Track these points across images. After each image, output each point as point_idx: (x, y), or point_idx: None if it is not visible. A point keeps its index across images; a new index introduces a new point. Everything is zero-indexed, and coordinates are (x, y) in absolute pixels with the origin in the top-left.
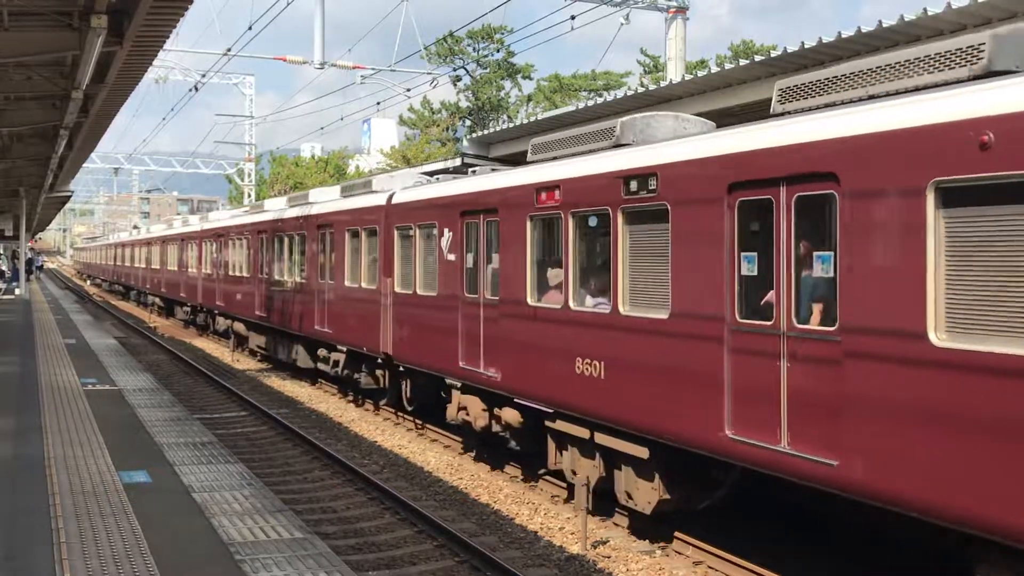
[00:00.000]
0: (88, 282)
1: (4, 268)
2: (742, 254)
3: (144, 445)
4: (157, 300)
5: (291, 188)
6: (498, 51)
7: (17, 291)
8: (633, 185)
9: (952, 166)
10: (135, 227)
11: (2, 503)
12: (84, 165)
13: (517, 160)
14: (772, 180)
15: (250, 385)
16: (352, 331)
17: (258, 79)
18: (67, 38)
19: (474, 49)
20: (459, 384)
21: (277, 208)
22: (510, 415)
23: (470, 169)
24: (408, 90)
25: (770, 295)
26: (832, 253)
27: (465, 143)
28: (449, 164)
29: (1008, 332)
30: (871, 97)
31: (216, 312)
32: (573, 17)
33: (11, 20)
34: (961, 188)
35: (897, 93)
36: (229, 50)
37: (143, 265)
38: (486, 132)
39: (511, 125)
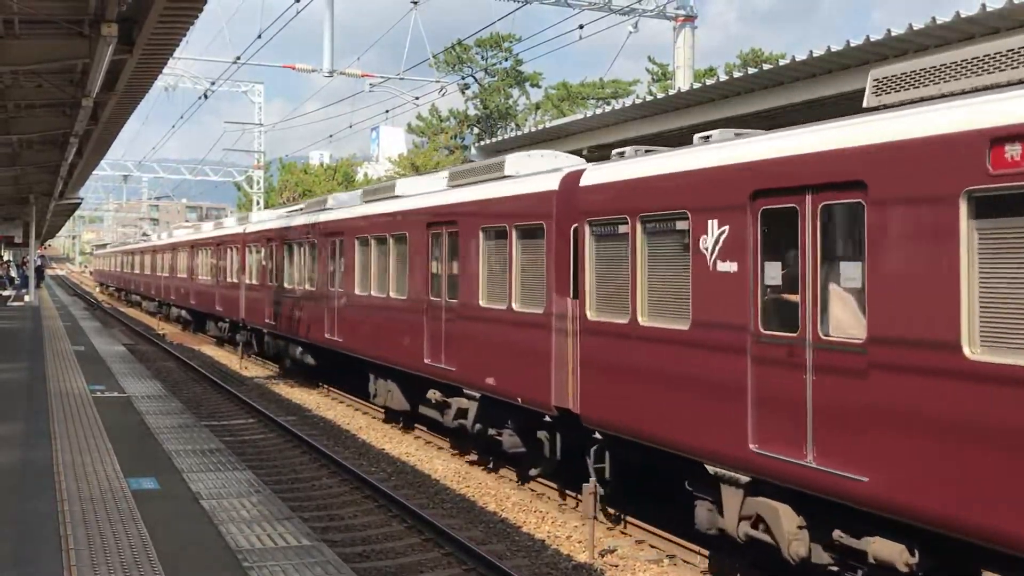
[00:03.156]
0: (98, 288)
1: (14, 275)
2: None
3: (152, 452)
4: (297, 352)
5: (300, 196)
6: (506, 59)
7: (27, 298)
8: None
9: None
10: (145, 234)
11: (11, 509)
12: (94, 172)
13: None
14: None
15: (258, 392)
16: None
17: (267, 87)
18: (77, 46)
19: (482, 57)
20: None
21: None
22: None
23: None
24: (417, 98)
25: None
26: None
27: (473, 151)
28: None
29: None
30: None
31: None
32: (582, 26)
33: (22, 28)
34: None
35: None
36: (238, 58)
37: (255, 283)
38: (494, 140)
39: (519, 133)
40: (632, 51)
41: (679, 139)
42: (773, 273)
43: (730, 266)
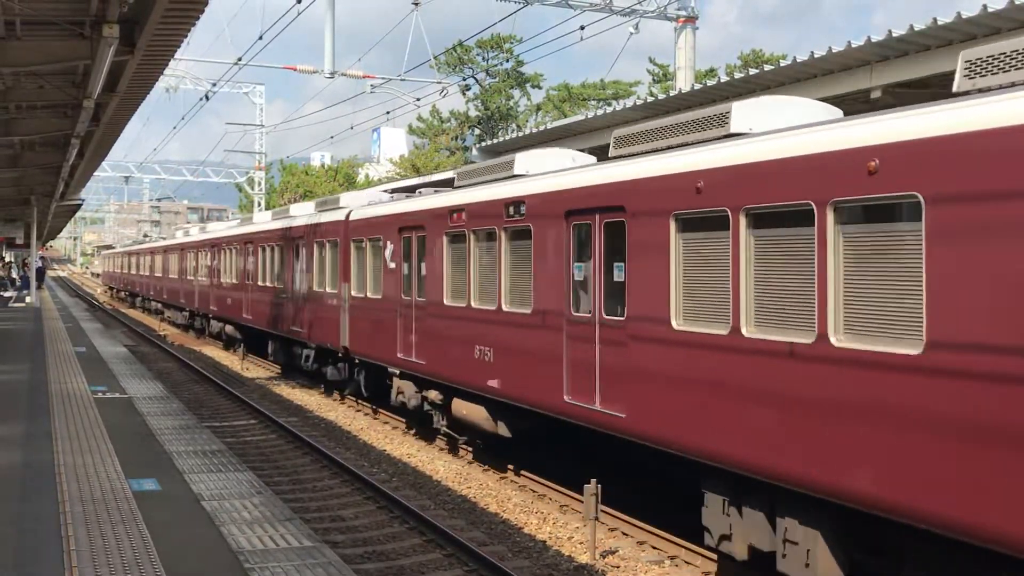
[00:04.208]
0: (100, 290)
1: (15, 276)
2: None
3: (154, 453)
4: (480, 414)
5: (301, 197)
6: (507, 60)
7: (28, 299)
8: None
9: None
10: (145, 235)
11: (12, 510)
12: (95, 174)
13: None
14: None
15: (259, 393)
16: None
17: (268, 88)
18: (79, 47)
19: (483, 58)
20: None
21: None
22: None
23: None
24: (418, 99)
25: None
26: None
27: (474, 152)
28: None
29: None
30: None
31: None
32: (583, 27)
33: (24, 30)
34: None
35: None
36: (240, 59)
37: (374, 295)
38: (495, 141)
39: (520, 134)
40: (633, 52)
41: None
42: None
43: None
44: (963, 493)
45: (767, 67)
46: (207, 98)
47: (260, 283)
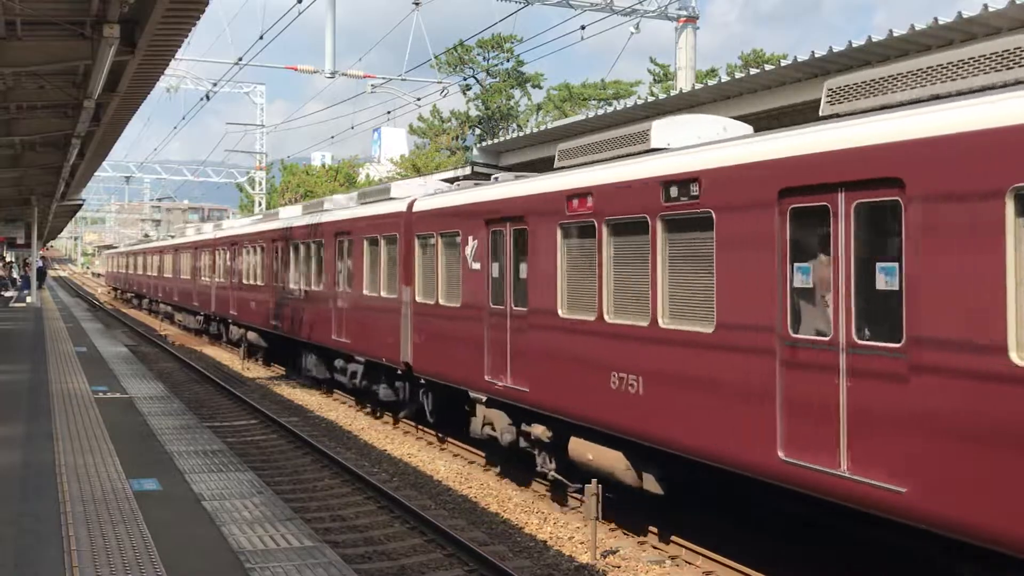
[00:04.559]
0: (100, 290)
1: (16, 276)
2: None
3: (154, 453)
4: None
5: (302, 197)
6: (508, 60)
7: (28, 299)
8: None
9: None
10: (146, 235)
11: (12, 510)
12: (96, 174)
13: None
14: None
15: (260, 393)
16: None
17: (269, 88)
18: (79, 47)
19: (484, 58)
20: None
21: None
22: None
23: None
24: (418, 99)
25: None
26: None
27: (475, 152)
28: None
29: None
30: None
31: None
32: (583, 27)
33: (24, 30)
34: None
35: None
36: (240, 59)
37: (446, 303)
38: (496, 141)
39: (521, 134)
40: (634, 52)
41: None
42: None
43: None
44: None
45: (768, 67)
46: (208, 98)
47: (292, 285)
